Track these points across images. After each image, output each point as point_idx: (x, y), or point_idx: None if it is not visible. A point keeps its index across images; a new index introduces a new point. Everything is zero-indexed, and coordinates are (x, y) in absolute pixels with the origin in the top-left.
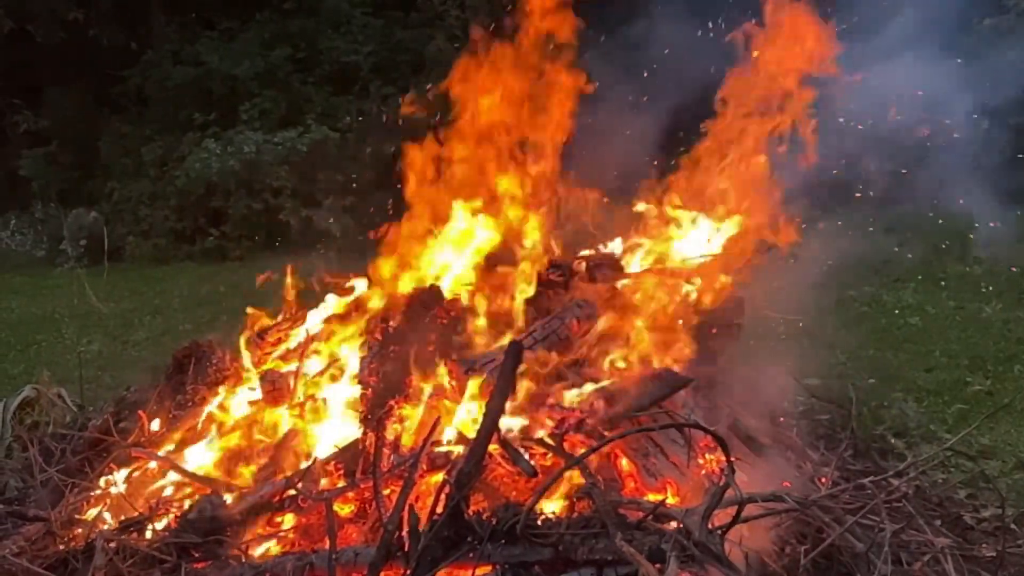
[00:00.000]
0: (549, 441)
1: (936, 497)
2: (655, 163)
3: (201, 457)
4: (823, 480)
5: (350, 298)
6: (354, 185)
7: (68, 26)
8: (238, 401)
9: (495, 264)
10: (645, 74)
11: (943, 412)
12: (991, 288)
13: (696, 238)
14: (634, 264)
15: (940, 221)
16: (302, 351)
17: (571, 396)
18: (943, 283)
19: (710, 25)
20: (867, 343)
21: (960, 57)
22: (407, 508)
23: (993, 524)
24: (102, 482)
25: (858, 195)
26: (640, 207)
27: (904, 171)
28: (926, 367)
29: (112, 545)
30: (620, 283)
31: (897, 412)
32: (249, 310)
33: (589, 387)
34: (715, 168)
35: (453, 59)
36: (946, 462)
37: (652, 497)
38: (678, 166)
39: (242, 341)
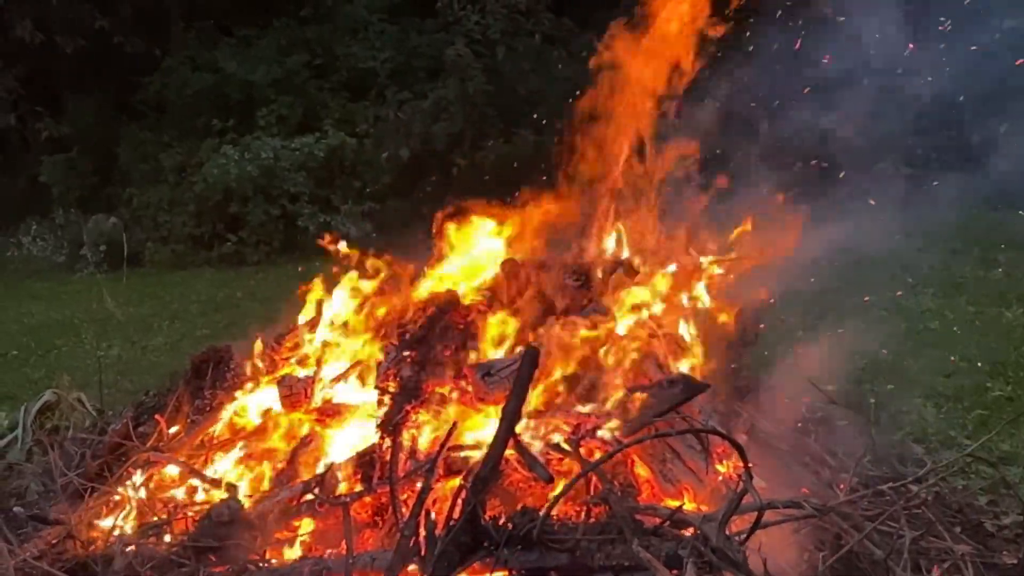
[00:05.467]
0: (566, 446)
1: (956, 504)
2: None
3: (222, 463)
4: (842, 486)
5: (367, 303)
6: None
7: (92, 34)
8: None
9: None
10: None
11: (963, 418)
12: (1011, 293)
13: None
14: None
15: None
16: (319, 356)
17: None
18: (962, 287)
19: None
20: (886, 348)
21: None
22: (424, 513)
23: (1014, 531)
24: (121, 487)
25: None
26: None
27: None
28: (945, 372)
29: (131, 549)
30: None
31: (916, 418)
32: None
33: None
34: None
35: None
36: (966, 468)
37: (669, 503)
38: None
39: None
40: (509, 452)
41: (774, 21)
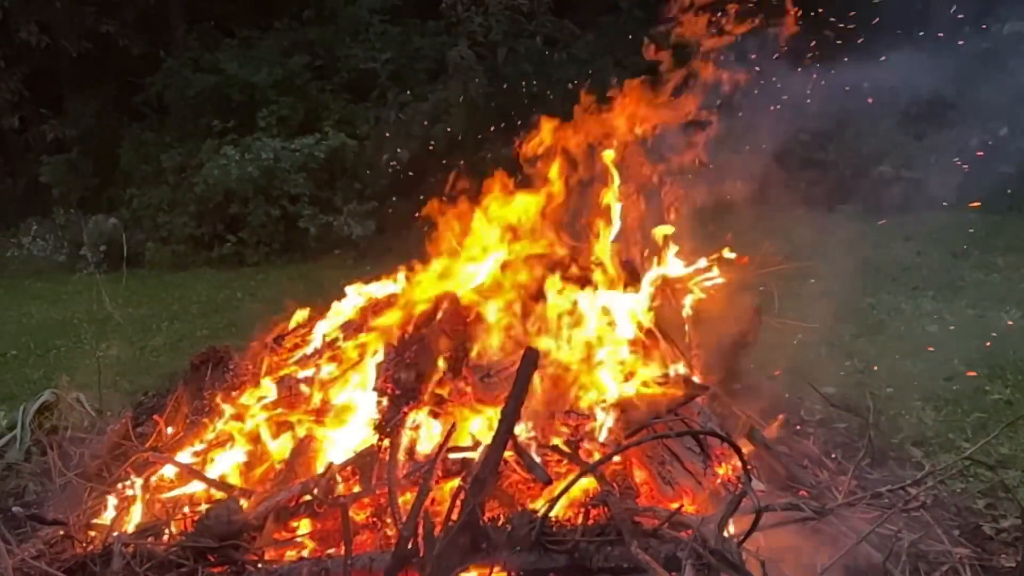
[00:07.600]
0: (564, 448)
1: (955, 507)
2: None
3: (220, 463)
4: (840, 489)
5: (366, 304)
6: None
7: (96, 37)
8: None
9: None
10: None
11: (962, 421)
12: (1011, 296)
13: None
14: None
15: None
16: (319, 357)
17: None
18: (962, 291)
19: None
20: (885, 351)
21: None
22: (422, 514)
23: (1012, 534)
24: (120, 486)
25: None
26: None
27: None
28: (944, 376)
29: (129, 549)
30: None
31: (915, 421)
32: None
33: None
34: None
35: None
36: (965, 471)
37: (668, 505)
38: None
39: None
40: (508, 453)
41: None
